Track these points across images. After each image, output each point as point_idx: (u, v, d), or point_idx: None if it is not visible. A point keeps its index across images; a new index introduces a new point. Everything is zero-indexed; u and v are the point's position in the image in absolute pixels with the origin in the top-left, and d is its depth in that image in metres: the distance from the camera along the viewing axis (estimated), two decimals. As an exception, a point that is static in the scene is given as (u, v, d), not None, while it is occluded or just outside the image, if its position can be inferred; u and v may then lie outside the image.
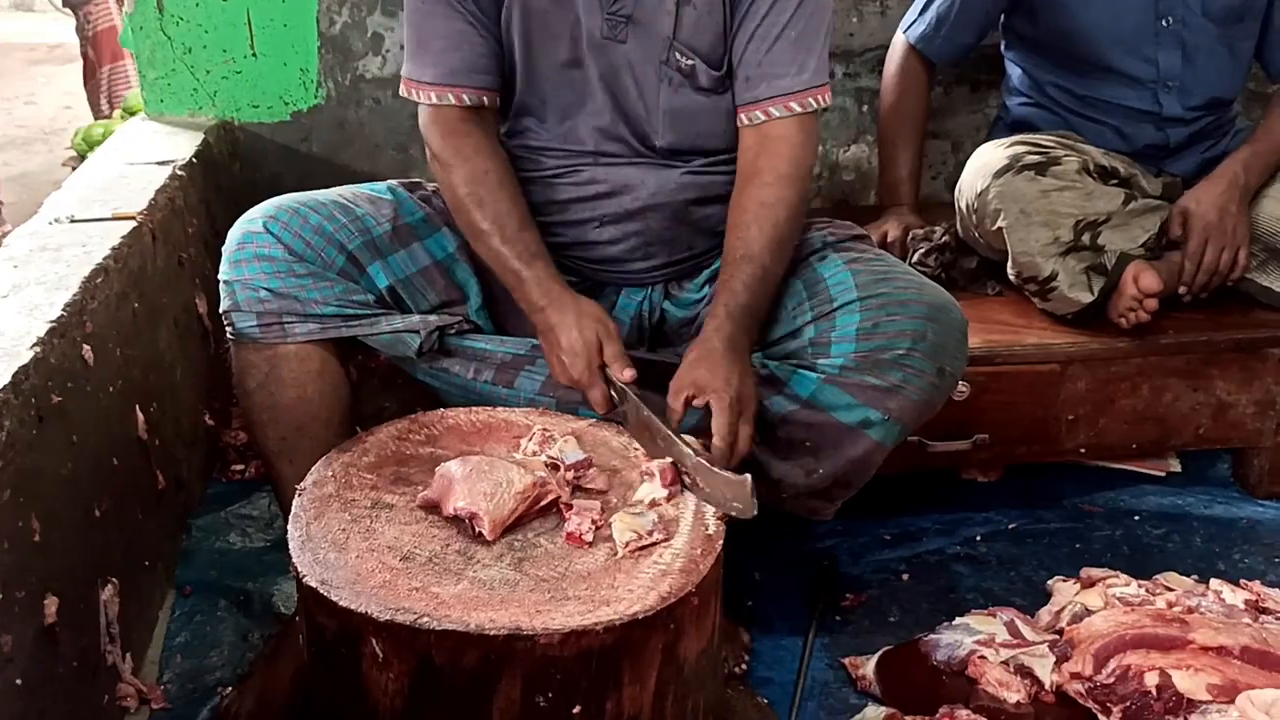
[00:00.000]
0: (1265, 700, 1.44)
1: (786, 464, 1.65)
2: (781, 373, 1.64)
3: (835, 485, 1.68)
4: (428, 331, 1.65)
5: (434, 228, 1.75)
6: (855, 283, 1.64)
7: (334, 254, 1.63)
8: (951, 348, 1.63)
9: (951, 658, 1.67)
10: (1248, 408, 2.14)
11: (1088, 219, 2.01)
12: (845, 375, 1.59)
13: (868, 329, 1.60)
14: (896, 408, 1.59)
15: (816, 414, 1.61)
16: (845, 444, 1.62)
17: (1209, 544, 2.07)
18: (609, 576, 1.36)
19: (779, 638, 1.82)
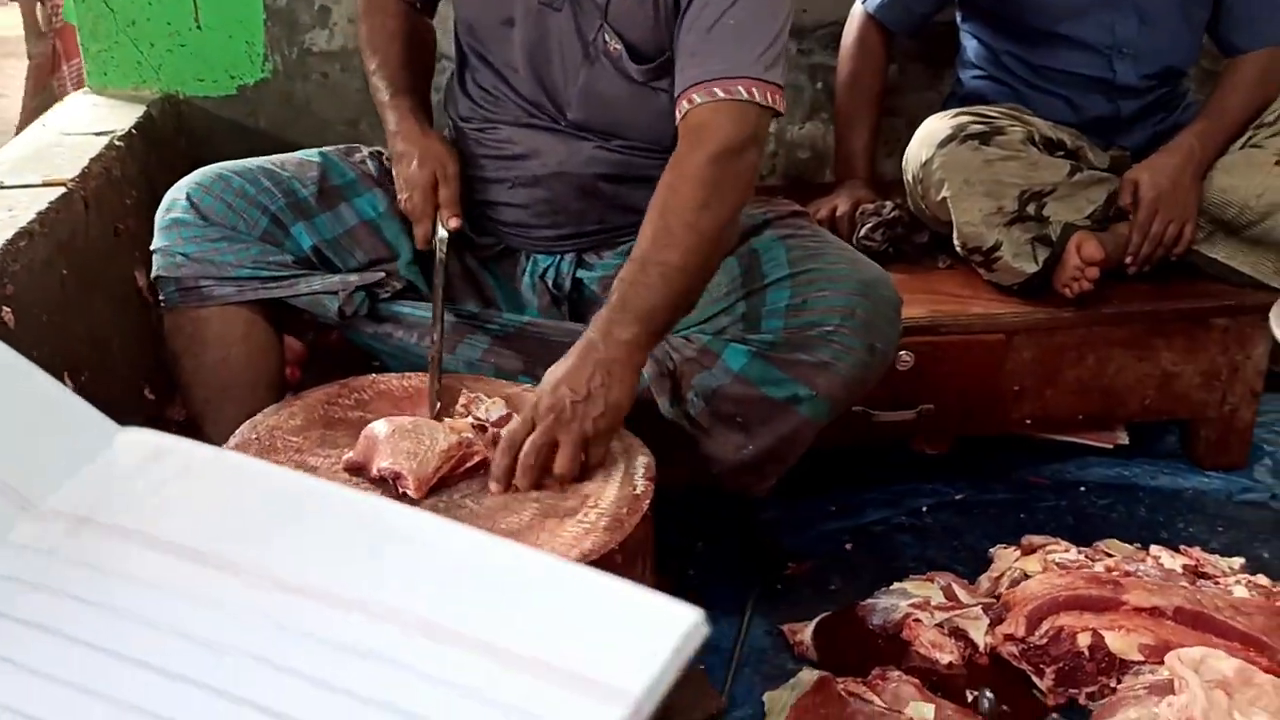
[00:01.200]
0: (1193, 658, 1.44)
1: (716, 440, 1.64)
2: (714, 346, 1.63)
3: (767, 461, 1.67)
4: (347, 293, 1.65)
5: (364, 188, 1.75)
6: (788, 259, 1.63)
7: (256, 216, 1.63)
8: (883, 325, 1.61)
9: (887, 621, 1.67)
10: (1194, 378, 2.14)
11: (1032, 189, 2.01)
12: (775, 351, 1.58)
13: (797, 305, 1.59)
14: (825, 384, 1.58)
15: (747, 389, 1.59)
16: (775, 420, 1.61)
17: (1153, 514, 2.07)
18: (533, 535, 1.35)
19: (719, 607, 1.80)
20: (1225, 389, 2.15)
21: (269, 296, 1.64)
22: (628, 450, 1.51)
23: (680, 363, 1.62)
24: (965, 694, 1.56)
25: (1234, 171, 2.07)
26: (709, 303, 1.66)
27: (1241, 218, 2.06)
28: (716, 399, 1.60)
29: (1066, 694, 1.57)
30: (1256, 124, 2.11)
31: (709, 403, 1.60)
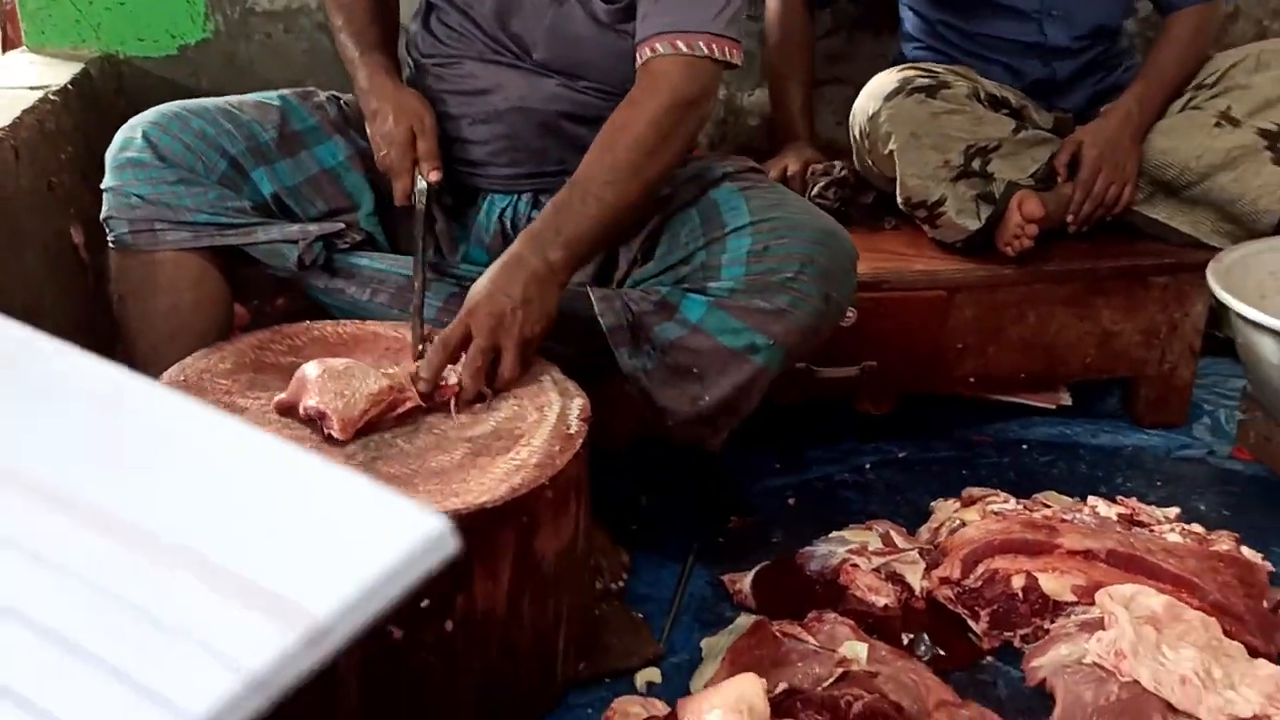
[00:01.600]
0: (1123, 594, 1.45)
1: (672, 391, 1.64)
2: (673, 297, 1.62)
3: (721, 413, 1.67)
4: (307, 242, 1.63)
5: (324, 135, 1.74)
6: (748, 208, 1.64)
7: (215, 159, 1.60)
8: (840, 275, 1.62)
9: (825, 568, 1.67)
10: (1134, 336, 2.16)
11: (978, 144, 2.02)
12: (734, 299, 1.58)
13: (758, 251, 1.59)
14: (782, 332, 1.58)
15: (703, 339, 1.59)
16: (731, 369, 1.61)
17: (1093, 469, 2.08)
18: (463, 473, 1.34)
19: (660, 559, 1.80)
20: (1164, 347, 2.17)
21: (227, 243, 1.62)
22: (564, 393, 1.51)
23: (638, 315, 1.61)
24: (901, 637, 1.57)
25: (1173, 133, 2.08)
26: (667, 253, 1.66)
27: (1181, 179, 2.07)
28: (674, 350, 1.60)
29: (1001, 637, 1.58)
30: (1196, 85, 2.13)
31: (666, 354, 1.60)
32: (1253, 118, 2.05)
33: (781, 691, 1.38)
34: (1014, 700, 1.51)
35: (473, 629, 1.32)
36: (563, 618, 1.44)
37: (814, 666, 1.41)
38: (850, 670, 1.40)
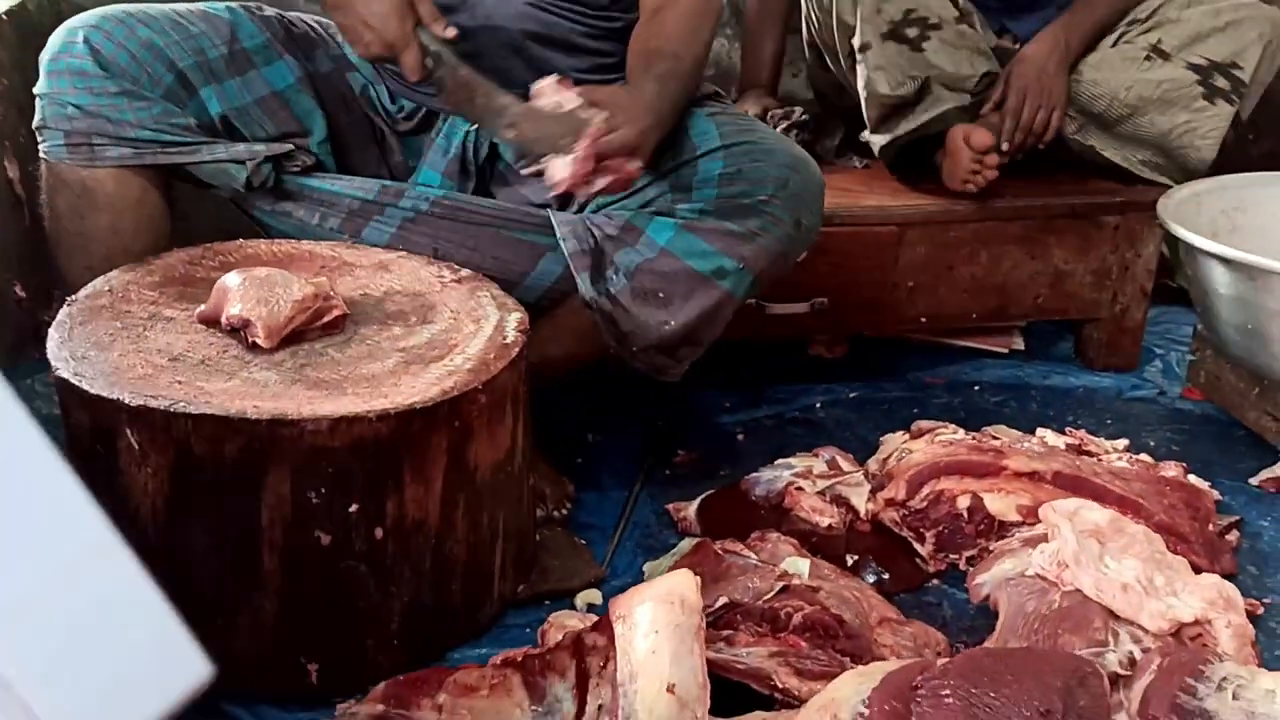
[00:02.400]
0: (1067, 509, 1.43)
1: (638, 316, 1.61)
2: (639, 221, 1.59)
3: (684, 342, 1.64)
4: (255, 164, 1.58)
5: (274, 54, 1.67)
6: (719, 133, 1.62)
7: (162, 71, 1.54)
8: (810, 200, 1.61)
9: (770, 492, 1.65)
10: (1085, 277, 2.15)
11: (918, 13, 2.00)
12: (704, 220, 1.56)
13: (731, 174, 1.57)
14: (751, 255, 1.56)
15: (672, 262, 1.56)
16: (697, 294, 1.58)
17: (1044, 409, 2.07)
18: (394, 379, 1.31)
19: (605, 490, 1.77)
20: (1116, 288, 2.16)
21: (170, 163, 1.56)
22: (502, 307, 1.48)
23: (602, 239, 1.58)
24: (845, 558, 1.55)
25: (1104, 66, 2.08)
26: None
27: (1111, 111, 2.07)
28: (640, 274, 1.57)
29: (947, 559, 1.57)
30: (1130, 20, 2.12)
31: (631, 279, 1.57)
32: (1183, 52, 2.05)
33: (721, 605, 1.36)
34: (958, 620, 1.50)
35: (404, 538, 1.28)
36: (499, 533, 1.41)
37: (754, 581, 1.38)
38: (791, 584, 1.38)
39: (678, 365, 1.68)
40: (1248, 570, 1.60)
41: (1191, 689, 1.15)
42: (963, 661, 1.14)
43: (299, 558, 1.24)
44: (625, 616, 1.07)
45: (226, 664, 1.27)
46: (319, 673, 1.29)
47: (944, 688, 1.08)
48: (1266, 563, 1.63)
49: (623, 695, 1.00)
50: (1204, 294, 1.90)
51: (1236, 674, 1.18)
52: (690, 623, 1.06)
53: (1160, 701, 1.14)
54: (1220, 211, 2.05)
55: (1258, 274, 1.75)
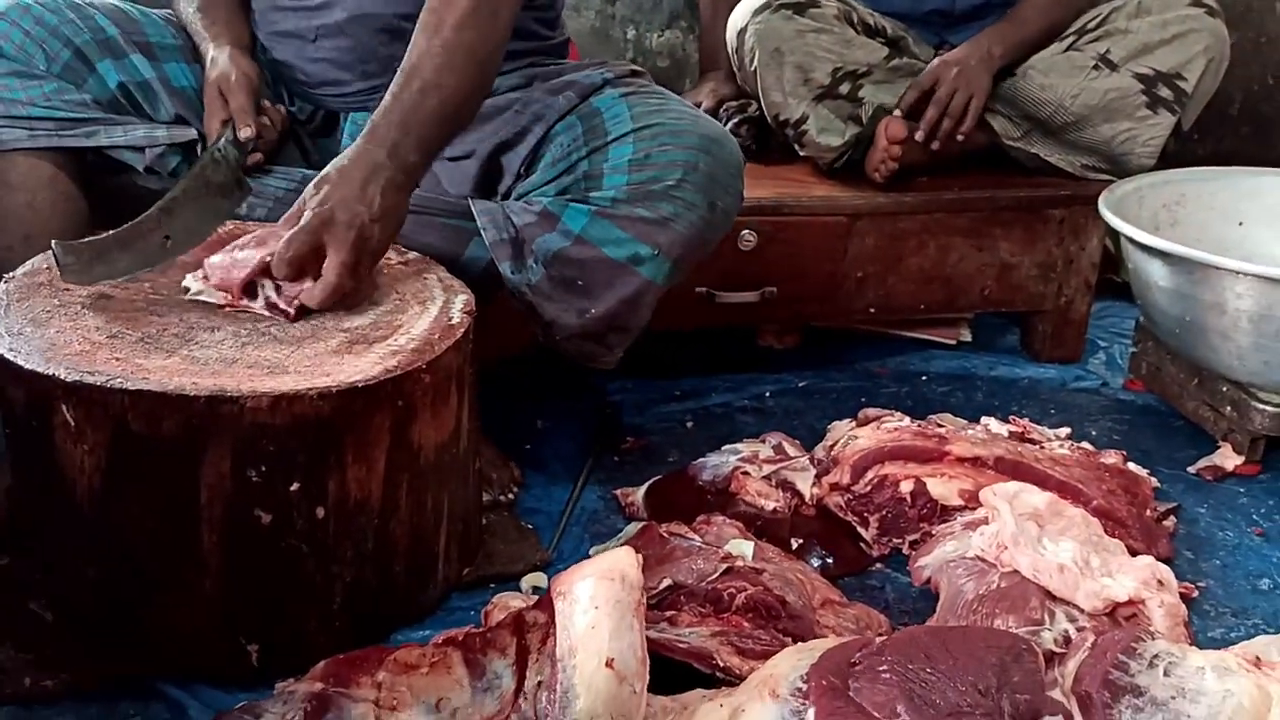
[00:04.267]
0: (1007, 491, 1.45)
1: (559, 305, 1.60)
2: (555, 208, 1.59)
3: (610, 330, 1.64)
4: (156, 153, 1.56)
5: (179, 58, 1.66)
6: (630, 115, 1.60)
7: (58, 48, 1.53)
8: (725, 181, 1.59)
9: (716, 477, 1.66)
10: (1031, 270, 2.18)
11: (847, 68, 2.05)
12: (616, 208, 1.55)
13: (640, 160, 1.56)
14: (666, 242, 1.55)
15: (588, 250, 1.56)
16: (616, 282, 1.58)
17: (990, 399, 2.10)
18: (337, 358, 1.30)
19: (552, 476, 1.77)
20: (1061, 281, 2.19)
21: (64, 145, 1.54)
22: (448, 289, 1.48)
23: (521, 227, 1.57)
24: (790, 542, 1.56)
25: (1052, 72, 2.11)
26: (551, 163, 1.62)
27: (1057, 118, 2.11)
28: (558, 263, 1.56)
29: (890, 544, 1.58)
30: (1079, 29, 2.15)
31: (549, 267, 1.56)
32: (1130, 62, 2.09)
33: (665, 587, 1.37)
34: (900, 602, 1.51)
35: (346, 517, 1.28)
36: (444, 515, 1.41)
37: (698, 562, 1.39)
38: (735, 566, 1.39)
39: (610, 353, 1.68)
40: (1184, 555, 1.63)
41: (1124, 665, 1.17)
42: (900, 639, 1.15)
43: (239, 537, 1.23)
44: (565, 593, 1.07)
45: (164, 644, 1.28)
46: (259, 654, 1.28)
47: (881, 664, 1.10)
48: (1202, 548, 1.66)
49: (561, 670, 1.01)
50: (1144, 287, 1.94)
51: (1168, 651, 1.20)
52: (630, 598, 1.06)
53: (1093, 677, 1.16)
54: (1162, 205, 2.08)
55: (1194, 267, 1.78)
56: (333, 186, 1.36)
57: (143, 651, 1.27)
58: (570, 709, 0.99)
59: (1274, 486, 1.82)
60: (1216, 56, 2.10)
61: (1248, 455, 1.84)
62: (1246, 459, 1.84)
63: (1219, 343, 1.80)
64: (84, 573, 1.25)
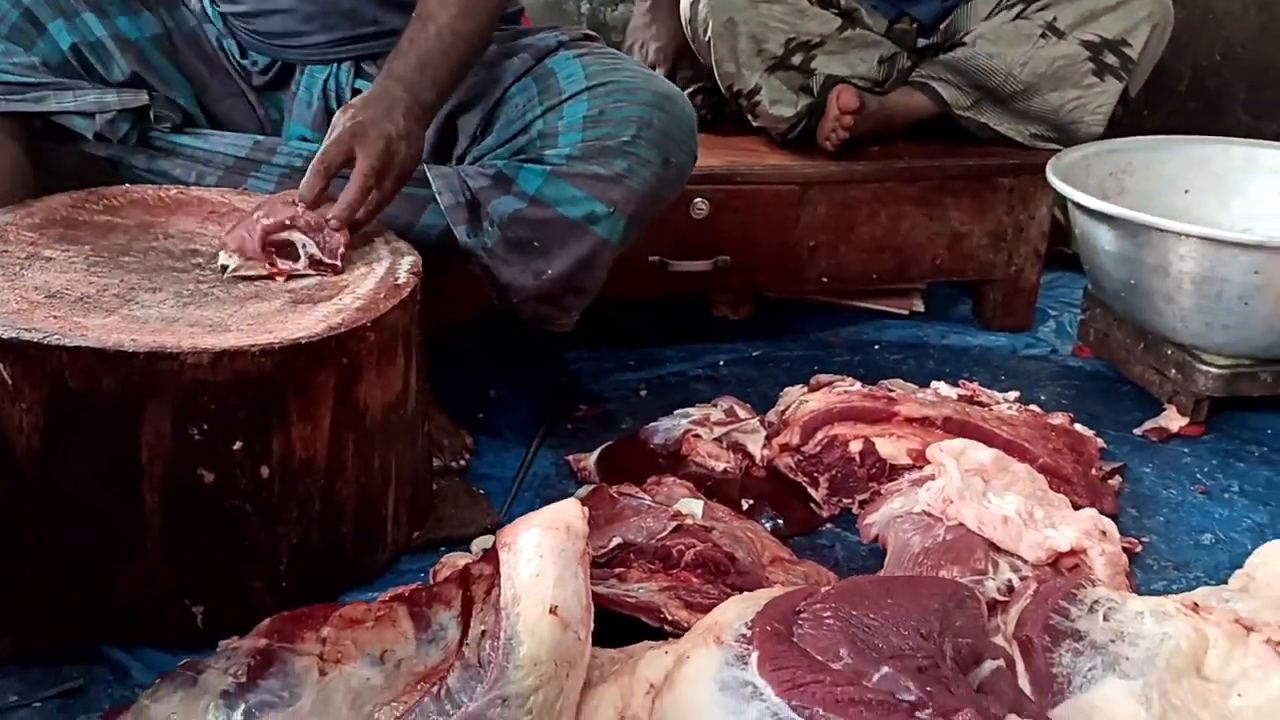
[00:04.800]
0: (954, 448, 1.47)
1: (515, 267, 1.60)
2: (510, 170, 1.58)
3: (567, 291, 1.64)
4: (106, 118, 1.54)
5: (132, 9, 1.63)
6: (585, 74, 1.61)
7: (5, 8, 1.51)
8: (679, 137, 1.60)
9: (668, 440, 1.66)
10: (981, 239, 2.20)
11: (800, 39, 2.06)
12: (571, 166, 1.55)
13: (594, 116, 1.56)
14: (621, 199, 1.55)
15: (543, 210, 1.56)
16: (571, 241, 1.58)
17: (941, 366, 2.11)
18: (281, 317, 1.29)
19: (505, 444, 1.77)
20: (1011, 249, 2.21)
21: (11, 110, 1.51)
22: (395, 251, 1.47)
23: (476, 190, 1.57)
24: (740, 502, 1.56)
25: (1000, 41, 2.13)
26: (505, 125, 1.62)
27: (1006, 86, 2.12)
28: (513, 224, 1.56)
29: (840, 503, 1.59)
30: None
31: (505, 229, 1.56)
32: (1077, 30, 2.12)
33: (615, 545, 1.37)
34: (850, 561, 1.52)
35: (291, 477, 1.27)
36: (392, 477, 1.40)
37: (648, 521, 1.39)
38: (685, 524, 1.39)
39: (566, 315, 1.68)
40: (1128, 512, 1.65)
41: (1065, 611, 1.19)
42: (845, 587, 1.16)
43: (182, 497, 1.22)
44: (510, 544, 1.07)
45: (108, 607, 1.26)
46: (204, 616, 1.27)
47: (825, 610, 1.10)
48: (1146, 505, 1.68)
49: (505, 618, 1.00)
50: (1091, 252, 1.96)
51: (1109, 598, 1.22)
52: (575, 548, 1.06)
53: (1034, 623, 1.17)
54: (1109, 174, 2.11)
55: (1139, 230, 1.80)
56: (359, 110, 1.43)
57: (86, 615, 1.25)
58: (514, 655, 0.98)
59: (1217, 446, 1.85)
60: (1161, 22, 2.12)
61: (1192, 417, 1.86)
62: (1191, 420, 1.86)
63: (1163, 305, 1.82)
64: (24, 535, 1.23)
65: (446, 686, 0.98)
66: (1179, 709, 1.09)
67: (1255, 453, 1.83)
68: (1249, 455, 1.83)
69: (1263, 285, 1.71)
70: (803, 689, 0.99)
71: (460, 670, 1.00)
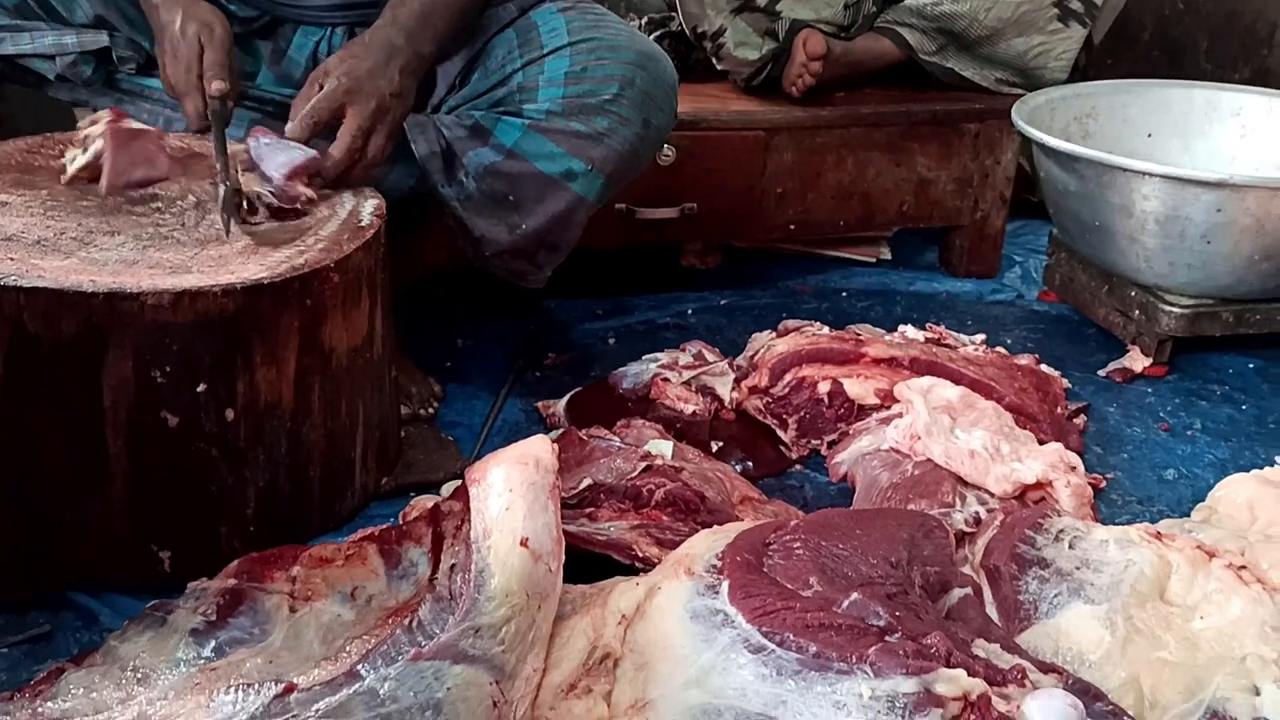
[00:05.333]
0: (921, 385, 1.47)
1: (489, 220, 1.59)
2: (487, 121, 1.57)
3: (541, 247, 1.63)
4: (66, 61, 1.51)
5: None
6: (567, 29, 1.59)
7: None
8: (660, 98, 1.59)
9: (637, 384, 1.66)
10: (948, 185, 2.20)
11: None
12: (550, 121, 1.53)
13: (576, 73, 1.55)
14: (600, 157, 1.54)
15: (520, 164, 1.54)
16: (547, 197, 1.57)
17: (908, 312, 2.12)
18: (243, 258, 1.27)
19: (474, 392, 1.76)
20: (977, 195, 2.22)
21: None
22: (359, 194, 1.45)
23: (452, 140, 1.55)
24: (710, 444, 1.57)
25: None
26: (484, 76, 1.60)
27: (971, 31, 2.12)
28: (489, 177, 1.54)
29: (809, 445, 1.60)
30: None
31: (481, 181, 1.55)
32: None
33: (585, 486, 1.37)
34: (819, 501, 1.53)
35: (257, 420, 1.26)
36: (359, 421, 1.39)
37: (618, 462, 1.39)
38: (654, 464, 1.39)
39: (538, 271, 1.67)
40: (1093, 450, 1.67)
41: (1031, 540, 1.20)
42: (814, 519, 1.17)
43: (146, 440, 1.20)
44: (480, 479, 1.07)
45: (74, 553, 1.25)
46: (172, 560, 1.26)
47: (795, 541, 1.11)
48: (1110, 443, 1.70)
49: (476, 551, 1.00)
50: (1056, 194, 1.97)
51: (1074, 527, 1.23)
52: (545, 481, 1.06)
53: (1001, 551, 1.18)
54: (1073, 118, 2.11)
55: (1103, 171, 1.81)
56: (357, 60, 1.42)
57: (52, 561, 1.24)
58: (486, 587, 0.98)
59: (1180, 386, 1.87)
60: None
61: (1155, 357, 1.88)
62: (1154, 360, 1.88)
63: (1127, 246, 1.84)
64: (-15, 481, 1.21)
65: (418, 619, 0.98)
66: (1143, 632, 1.11)
67: (1217, 391, 1.86)
68: (1210, 394, 1.85)
69: (1225, 224, 1.73)
70: (773, 615, 1.00)
71: (432, 603, 1.00)
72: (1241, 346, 1.95)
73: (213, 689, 0.90)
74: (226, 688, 0.89)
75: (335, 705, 0.90)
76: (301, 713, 0.90)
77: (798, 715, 0.94)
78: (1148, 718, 1.03)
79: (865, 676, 0.94)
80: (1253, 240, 1.75)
